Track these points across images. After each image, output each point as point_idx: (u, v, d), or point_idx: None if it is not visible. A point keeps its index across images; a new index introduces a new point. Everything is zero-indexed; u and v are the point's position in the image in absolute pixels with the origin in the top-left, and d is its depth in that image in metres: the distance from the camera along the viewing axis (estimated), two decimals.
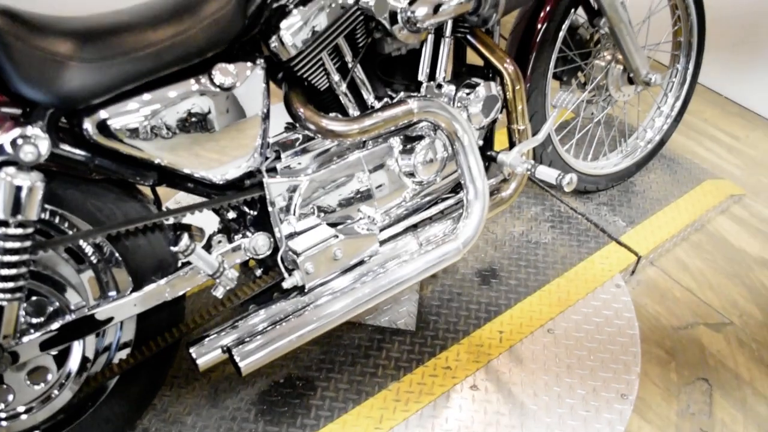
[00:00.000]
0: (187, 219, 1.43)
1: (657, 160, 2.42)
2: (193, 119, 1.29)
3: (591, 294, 1.92)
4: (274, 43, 1.37)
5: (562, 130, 2.19)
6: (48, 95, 1.14)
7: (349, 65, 1.49)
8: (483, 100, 1.63)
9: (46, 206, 1.25)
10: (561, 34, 1.89)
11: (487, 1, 1.43)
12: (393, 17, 1.42)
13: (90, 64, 1.15)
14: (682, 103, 2.31)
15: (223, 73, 1.29)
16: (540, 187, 2.28)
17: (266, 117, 1.39)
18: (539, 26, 1.84)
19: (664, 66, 2.39)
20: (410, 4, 1.40)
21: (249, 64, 1.35)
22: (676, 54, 2.28)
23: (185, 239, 1.30)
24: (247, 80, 1.34)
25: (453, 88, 1.63)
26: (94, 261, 1.37)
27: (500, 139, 1.83)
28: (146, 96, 1.24)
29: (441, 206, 1.71)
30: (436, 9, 1.41)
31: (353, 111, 1.53)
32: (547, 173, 1.61)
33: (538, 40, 1.85)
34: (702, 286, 2.06)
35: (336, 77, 1.47)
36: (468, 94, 1.63)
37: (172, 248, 1.32)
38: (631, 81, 2.06)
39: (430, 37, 1.58)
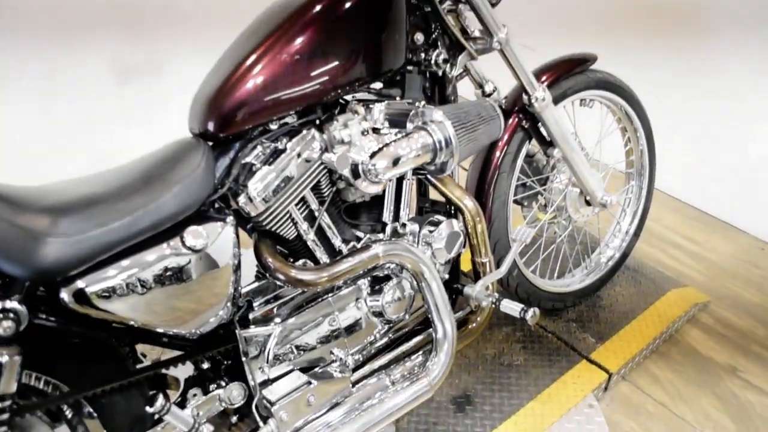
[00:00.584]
0: None
1: (621, 272, 2.50)
2: (166, 280, 1.34)
3: (565, 416, 1.94)
4: (242, 200, 1.44)
5: (526, 252, 2.27)
6: (25, 270, 1.18)
7: (316, 214, 1.56)
8: (446, 237, 1.70)
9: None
10: (518, 164, 2.00)
11: (442, 152, 1.53)
12: (355, 171, 1.50)
13: (67, 238, 1.20)
14: (639, 219, 2.41)
15: (194, 236, 1.35)
16: None
17: (237, 268, 1.44)
18: (496, 159, 1.95)
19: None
20: (371, 157, 1.50)
21: (219, 223, 1.41)
22: (630, 172, 2.40)
23: (160, 400, 1.33)
24: (217, 238, 1.40)
25: (416, 226, 1.71)
26: (69, 417, 1.38)
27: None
28: (119, 263, 1.29)
29: (412, 342, 1.75)
30: (395, 162, 1.50)
31: (321, 256, 1.59)
32: (510, 307, 1.67)
33: (496, 172, 1.95)
34: (674, 398, 2.10)
35: (304, 226, 1.55)
36: (431, 231, 1.70)
37: (147, 408, 1.34)
38: (588, 203, 2.16)
39: (392, 180, 1.67)
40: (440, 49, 1.70)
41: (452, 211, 1.81)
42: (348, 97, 1.61)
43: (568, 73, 2.04)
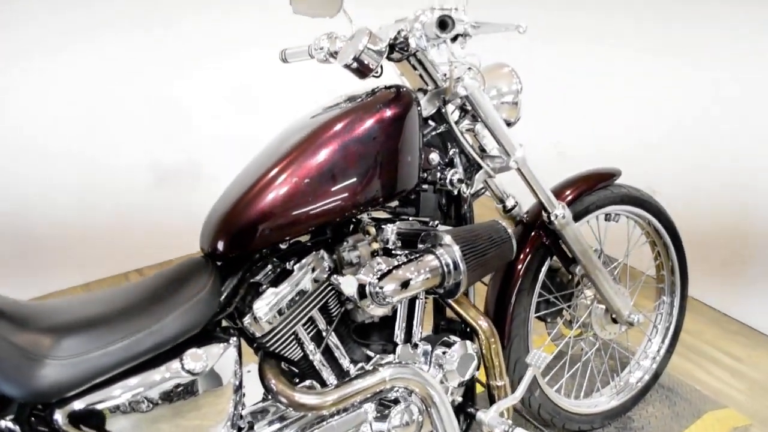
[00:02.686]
0: None
1: (655, 390, 2.39)
2: (163, 403, 1.32)
3: None
4: (247, 320, 1.44)
5: (550, 369, 2.19)
6: (21, 390, 1.17)
7: (323, 334, 1.54)
8: (458, 359, 1.66)
9: None
10: (539, 282, 1.96)
11: (450, 276, 1.50)
12: (362, 292, 1.49)
13: (65, 360, 1.21)
14: (672, 336, 2.32)
15: (194, 359, 1.34)
16: (534, 425, 2.23)
17: (238, 388, 1.42)
18: (516, 277, 1.91)
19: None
20: (379, 279, 1.48)
21: (222, 344, 1.40)
22: (661, 287, 2.32)
23: None
24: (219, 360, 1.39)
25: (429, 347, 1.67)
26: None
27: None
28: (116, 385, 1.28)
29: None
30: (403, 285, 1.48)
31: (328, 376, 1.56)
32: None
33: (515, 290, 1.91)
34: None
35: (310, 346, 1.52)
36: (444, 353, 1.66)
37: None
38: (615, 320, 2.09)
39: (404, 300, 1.64)
40: (456, 168, 1.70)
41: (468, 330, 1.76)
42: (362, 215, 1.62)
43: (591, 190, 2.02)
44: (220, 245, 1.44)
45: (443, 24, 1.47)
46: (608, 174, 2.07)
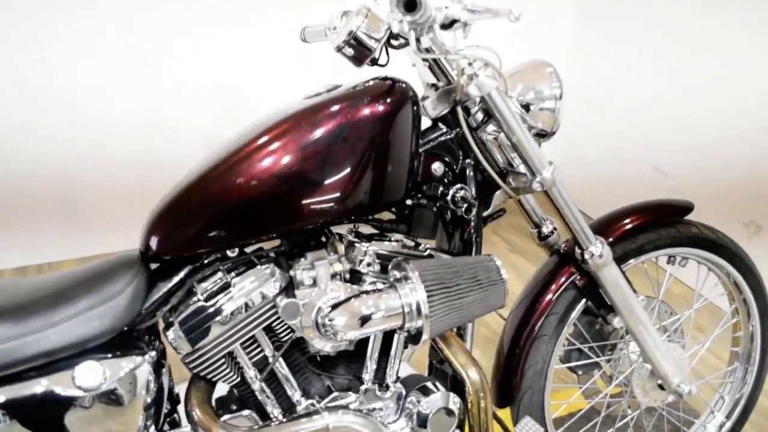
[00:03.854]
0: None
1: None
2: (53, 419, 1.15)
3: None
4: (171, 335, 1.24)
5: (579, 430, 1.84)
6: None
7: (270, 359, 1.31)
8: (433, 412, 1.37)
9: None
10: (565, 328, 1.62)
11: (412, 320, 1.22)
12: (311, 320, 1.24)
13: None
14: (741, 413, 1.89)
15: (88, 374, 1.15)
16: None
17: (148, 407, 1.23)
18: (535, 319, 1.59)
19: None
20: (331, 309, 1.23)
21: (131, 358, 1.21)
22: (735, 351, 1.90)
23: None
24: (122, 376, 1.19)
25: (402, 390, 1.39)
26: None
27: None
28: (4, 389, 1.12)
29: None
30: (360, 320, 1.22)
31: (272, 409, 1.34)
32: None
33: (534, 335, 1.59)
34: None
35: (251, 372, 1.30)
36: (418, 401, 1.38)
37: None
38: (662, 386, 1.71)
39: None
40: (466, 183, 1.40)
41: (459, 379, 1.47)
42: (345, 228, 1.37)
43: (649, 225, 1.64)
44: (153, 244, 1.24)
45: (410, 5, 1.16)
46: (676, 207, 1.68)
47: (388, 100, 1.28)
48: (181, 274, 1.27)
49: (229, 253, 1.29)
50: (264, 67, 3.12)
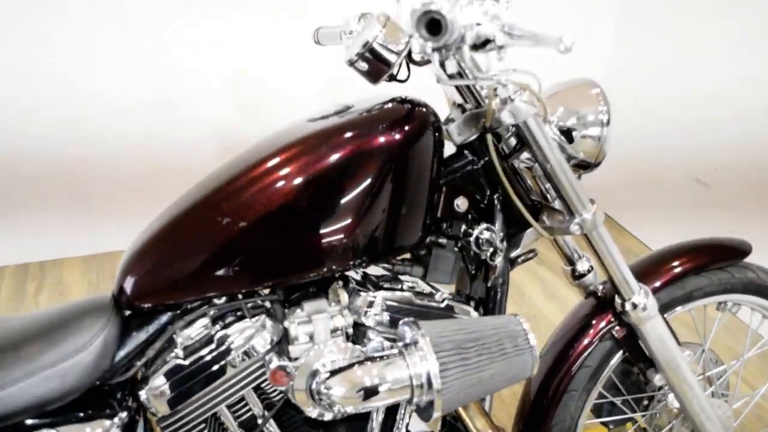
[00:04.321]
0: None
1: None
2: None
3: None
4: (144, 395, 1.07)
5: None
6: None
7: (258, 421, 1.14)
8: None
9: None
10: (599, 382, 1.43)
11: (421, 394, 1.03)
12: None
13: None
14: None
15: None
16: None
17: None
18: (567, 372, 1.40)
19: None
20: (331, 374, 1.05)
21: (102, 422, 1.05)
22: None
23: None
24: None
25: None
26: None
27: None
28: None
29: None
30: (362, 392, 1.04)
31: None
32: None
33: (563, 389, 1.40)
34: None
35: None
36: None
37: None
38: None
39: None
40: (492, 223, 1.21)
41: None
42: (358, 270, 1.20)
43: (701, 270, 1.44)
44: (128, 288, 1.08)
45: (434, 26, 0.95)
46: (732, 249, 1.48)
47: (406, 128, 1.09)
48: (161, 322, 1.11)
49: (217, 300, 1.11)
50: (279, 51, 2.91)
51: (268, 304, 1.13)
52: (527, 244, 1.33)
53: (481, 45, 0.99)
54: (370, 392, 1.03)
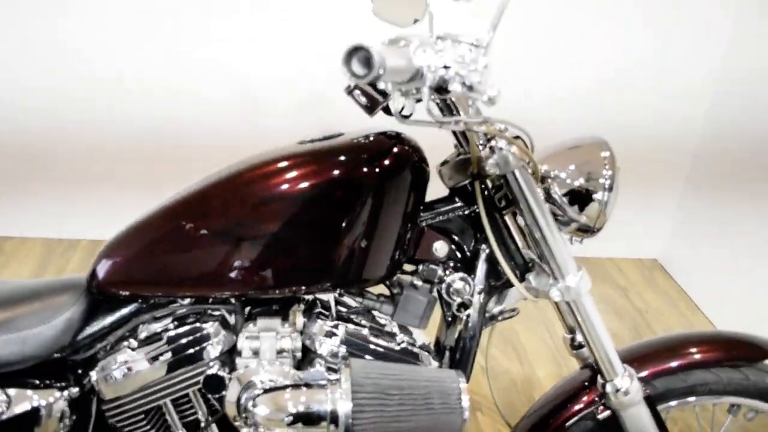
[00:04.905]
0: None
1: None
2: None
3: None
4: (95, 375, 1.13)
5: None
6: None
7: (202, 423, 1.17)
8: None
9: None
10: None
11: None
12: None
13: None
14: None
15: None
16: None
17: None
18: None
19: None
20: (264, 392, 1.06)
21: (47, 391, 1.11)
22: None
23: None
24: (32, 409, 1.10)
25: None
26: None
27: None
28: None
29: None
30: (289, 418, 1.03)
31: None
32: None
33: None
34: None
35: None
36: None
37: None
38: None
39: None
40: (471, 274, 1.18)
41: None
42: (329, 296, 1.21)
43: (711, 367, 1.32)
44: (100, 273, 1.14)
45: (365, 61, 0.89)
46: (751, 347, 1.35)
47: (383, 162, 1.09)
48: (128, 311, 1.16)
49: (181, 299, 1.15)
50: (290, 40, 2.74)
51: (225, 313, 1.15)
52: (514, 301, 1.28)
53: (444, 90, 0.95)
54: (294, 418, 1.03)
